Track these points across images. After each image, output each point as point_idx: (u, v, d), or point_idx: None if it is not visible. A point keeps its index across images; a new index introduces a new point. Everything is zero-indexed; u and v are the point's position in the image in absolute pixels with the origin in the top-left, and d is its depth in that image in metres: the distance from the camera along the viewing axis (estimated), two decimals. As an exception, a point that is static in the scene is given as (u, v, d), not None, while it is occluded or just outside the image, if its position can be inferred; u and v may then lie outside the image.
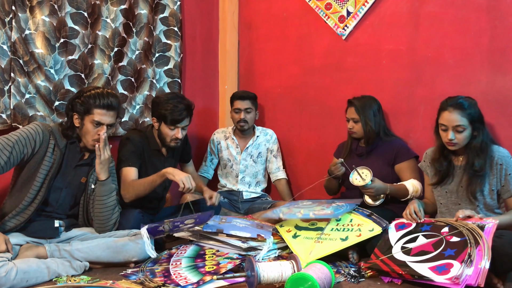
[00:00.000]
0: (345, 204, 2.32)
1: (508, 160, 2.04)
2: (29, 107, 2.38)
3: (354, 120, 2.51)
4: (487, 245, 1.72)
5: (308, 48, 3.08)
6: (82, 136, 2.08)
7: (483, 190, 2.06)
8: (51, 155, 2.03)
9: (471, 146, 2.07)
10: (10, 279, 1.71)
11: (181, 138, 2.39)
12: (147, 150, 2.43)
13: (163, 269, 1.97)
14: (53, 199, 2.07)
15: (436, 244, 1.86)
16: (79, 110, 2.04)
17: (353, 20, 2.82)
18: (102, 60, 2.66)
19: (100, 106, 2.04)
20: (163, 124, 2.38)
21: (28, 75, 2.37)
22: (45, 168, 2.01)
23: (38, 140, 2.00)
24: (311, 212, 2.24)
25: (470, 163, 2.07)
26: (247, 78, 3.43)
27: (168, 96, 2.41)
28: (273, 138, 3.11)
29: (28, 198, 1.98)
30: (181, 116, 2.35)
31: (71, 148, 2.08)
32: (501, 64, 2.36)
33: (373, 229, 2.11)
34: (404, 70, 2.67)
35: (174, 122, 2.34)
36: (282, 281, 1.75)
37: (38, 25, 2.38)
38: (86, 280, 1.85)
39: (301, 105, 3.14)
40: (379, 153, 2.52)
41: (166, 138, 2.40)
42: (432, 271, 1.74)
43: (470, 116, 2.04)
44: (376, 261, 1.94)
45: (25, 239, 2.00)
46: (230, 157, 3.04)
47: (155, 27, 2.95)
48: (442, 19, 2.53)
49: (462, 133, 2.05)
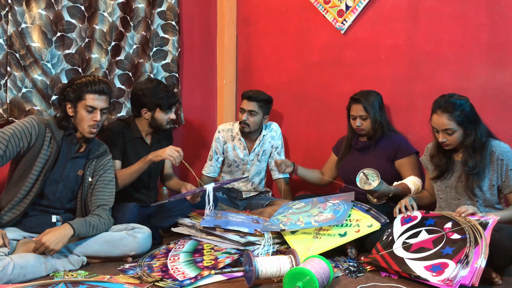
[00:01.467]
0: (340, 202, 2.27)
1: (509, 155, 2.04)
2: (26, 102, 2.36)
3: (363, 118, 2.47)
4: (485, 243, 1.72)
5: (307, 43, 3.06)
6: (78, 125, 2.06)
7: (482, 186, 2.05)
8: (47, 148, 2.01)
9: (464, 145, 2.07)
10: (7, 274, 1.70)
11: (174, 118, 2.51)
12: (129, 139, 2.46)
13: (161, 264, 1.97)
14: (50, 192, 2.06)
15: (436, 241, 1.86)
16: (71, 98, 2.03)
17: (352, 14, 2.81)
18: (99, 54, 2.64)
19: (92, 91, 2.02)
20: (158, 112, 2.43)
21: (25, 69, 2.36)
22: (41, 161, 2.00)
23: (34, 134, 1.99)
24: (312, 220, 2.17)
25: (464, 161, 2.07)
26: (245, 73, 3.41)
27: (152, 85, 2.45)
28: (278, 134, 2.99)
29: (23, 191, 1.97)
30: (176, 99, 2.49)
31: (67, 140, 2.07)
32: (501, 58, 2.36)
33: (372, 224, 2.10)
34: (403, 65, 2.66)
35: (171, 105, 2.46)
36: (281, 275, 1.74)
37: (35, 18, 2.36)
38: (83, 275, 1.84)
39: (299, 100, 3.13)
40: (379, 148, 2.51)
41: (163, 123, 2.47)
42: (427, 270, 1.75)
43: (458, 118, 2.02)
44: (376, 256, 1.94)
45: (22, 234, 1.99)
46: (237, 158, 2.93)
47: (152, 21, 2.93)
48: (441, 13, 2.52)
49: (452, 135, 2.05)
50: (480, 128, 2.07)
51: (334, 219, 2.11)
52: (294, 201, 2.49)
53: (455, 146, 2.09)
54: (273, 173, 3.02)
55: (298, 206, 2.38)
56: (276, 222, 2.23)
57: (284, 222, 2.20)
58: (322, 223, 2.12)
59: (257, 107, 2.80)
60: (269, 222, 2.24)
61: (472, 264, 1.68)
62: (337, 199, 2.30)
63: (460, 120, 2.03)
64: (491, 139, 2.08)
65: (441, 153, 2.17)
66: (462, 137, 2.06)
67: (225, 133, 2.95)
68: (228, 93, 3.41)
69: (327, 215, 2.16)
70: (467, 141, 2.05)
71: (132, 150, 2.45)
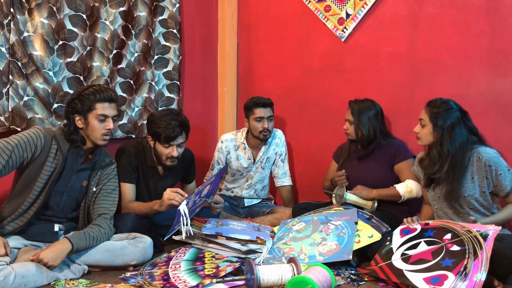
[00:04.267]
0: (343, 223, 2.19)
1: (496, 160, 2.04)
2: (28, 110, 2.37)
3: (349, 122, 2.53)
4: (485, 255, 1.70)
5: (307, 50, 3.07)
6: (89, 135, 2.04)
7: (472, 194, 2.06)
8: (53, 160, 2.00)
9: (430, 146, 2.14)
10: (8, 283, 1.69)
11: (176, 156, 2.29)
12: (143, 166, 2.38)
13: (162, 272, 1.96)
14: (54, 203, 2.05)
15: (436, 252, 1.84)
16: (80, 109, 2.01)
17: (352, 22, 2.82)
18: (101, 63, 2.65)
19: (102, 100, 2.01)
20: (157, 143, 2.30)
21: (27, 77, 2.37)
22: (46, 173, 1.98)
23: (39, 145, 1.97)
24: (316, 252, 2.07)
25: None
26: (246, 80, 3.42)
27: (162, 113, 2.31)
28: (282, 141, 2.97)
29: (27, 202, 1.96)
30: (174, 134, 2.25)
31: (74, 152, 2.05)
32: (501, 65, 2.36)
33: (373, 235, 2.09)
34: (404, 72, 2.67)
35: (168, 139, 2.26)
36: (282, 284, 1.74)
37: (37, 27, 2.37)
38: (84, 283, 1.84)
39: (300, 106, 3.14)
40: (378, 156, 2.51)
41: (162, 157, 2.31)
42: (426, 282, 1.73)
43: (433, 114, 2.10)
44: (374, 267, 1.93)
45: (24, 242, 1.99)
46: (240, 168, 2.90)
47: (154, 29, 2.94)
48: (442, 20, 2.53)
49: (423, 128, 2.14)
50: (453, 137, 2.07)
51: (340, 251, 2.04)
52: (293, 219, 2.40)
53: (425, 143, 2.16)
54: (276, 181, 3.02)
55: (298, 227, 2.28)
56: (278, 253, 2.13)
57: (287, 255, 2.10)
58: (327, 257, 2.03)
59: (271, 111, 2.84)
60: (271, 254, 2.12)
61: (471, 278, 1.65)
62: (340, 220, 2.22)
63: (434, 118, 2.10)
64: (478, 146, 2.09)
65: (428, 158, 2.19)
66: (431, 136, 2.12)
67: (228, 143, 2.92)
68: (229, 100, 3.42)
69: (331, 245, 2.09)
70: (435, 143, 2.11)
71: (144, 178, 2.39)
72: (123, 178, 2.31)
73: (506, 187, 2.03)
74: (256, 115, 2.79)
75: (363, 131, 2.47)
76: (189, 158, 2.55)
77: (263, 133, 2.81)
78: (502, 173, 2.02)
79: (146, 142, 2.42)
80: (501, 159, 2.06)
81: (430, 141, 2.13)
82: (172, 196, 2.13)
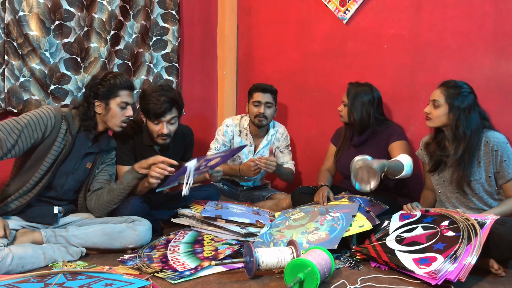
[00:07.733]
0: (340, 215, 2.14)
1: (503, 146, 2.01)
2: (24, 91, 2.33)
3: (344, 104, 2.49)
4: (479, 241, 1.68)
5: (309, 33, 3.03)
6: (107, 121, 2.06)
7: (479, 178, 2.04)
8: (61, 141, 1.98)
9: (446, 128, 2.09)
10: (5, 264, 1.68)
11: (166, 133, 2.23)
12: (140, 145, 2.35)
13: (160, 255, 1.95)
14: (58, 185, 2.04)
15: (430, 236, 1.84)
16: (103, 95, 2.03)
17: (354, 3, 2.77)
18: (98, 44, 2.61)
19: (125, 87, 2.06)
20: (148, 120, 2.26)
21: (23, 58, 2.32)
22: (54, 153, 1.97)
23: (49, 125, 1.95)
24: (304, 239, 2.04)
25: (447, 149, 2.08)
26: (246, 64, 3.38)
27: (153, 89, 2.25)
28: (284, 136, 2.92)
29: (32, 181, 1.95)
30: (162, 109, 2.19)
31: (83, 134, 2.05)
32: (505, 48, 2.33)
33: (364, 225, 2.05)
34: (406, 55, 2.63)
35: (157, 116, 2.20)
36: (281, 266, 1.73)
37: (32, 6, 2.33)
38: (82, 265, 1.83)
39: (301, 91, 3.10)
40: (374, 143, 2.46)
41: (153, 134, 2.27)
42: (414, 262, 1.73)
43: (450, 95, 2.05)
44: (367, 245, 1.93)
45: (22, 223, 1.97)
46: (241, 154, 2.88)
47: (152, 10, 2.89)
48: (445, 2, 2.48)
49: (437, 109, 2.08)
50: (469, 120, 2.03)
51: (327, 241, 1.99)
52: (294, 209, 2.36)
53: (436, 124, 2.10)
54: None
55: (296, 216, 2.26)
56: (268, 238, 2.10)
57: (276, 240, 2.08)
58: (312, 245, 1.97)
59: (272, 98, 2.78)
60: (261, 238, 2.09)
61: (461, 261, 1.64)
62: (339, 212, 2.17)
63: (450, 98, 2.05)
64: (487, 130, 2.06)
65: (435, 142, 2.15)
66: (446, 117, 2.06)
67: (233, 128, 2.88)
68: (228, 84, 3.38)
69: (321, 234, 2.05)
70: (450, 125, 2.06)
71: (140, 157, 2.30)
72: (120, 161, 2.29)
73: (508, 174, 2.01)
74: (254, 99, 2.77)
75: (355, 115, 2.41)
76: (188, 135, 2.52)
77: (258, 118, 2.76)
78: (506, 160, 2.00)
79: (142, 122, 2.39)
80: (509, 146, 2.02)
81: (443, 122, 2.08)
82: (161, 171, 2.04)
